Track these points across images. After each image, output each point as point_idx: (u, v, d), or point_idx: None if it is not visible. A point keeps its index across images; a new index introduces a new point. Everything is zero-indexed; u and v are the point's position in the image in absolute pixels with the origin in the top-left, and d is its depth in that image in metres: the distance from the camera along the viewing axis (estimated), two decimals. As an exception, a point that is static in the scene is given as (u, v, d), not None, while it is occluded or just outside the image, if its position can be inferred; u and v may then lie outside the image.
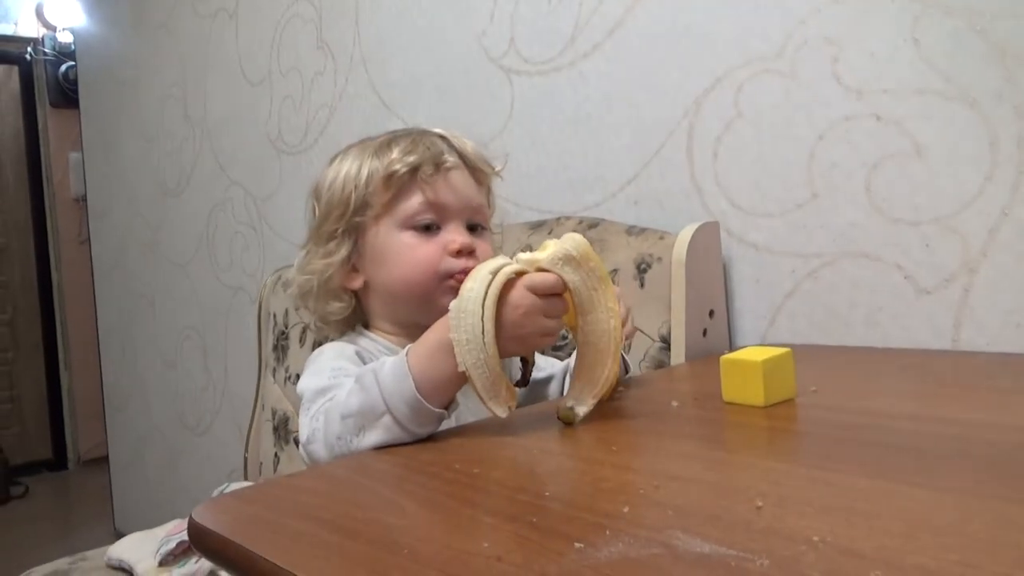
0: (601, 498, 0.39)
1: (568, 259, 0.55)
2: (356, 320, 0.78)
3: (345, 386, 0.59)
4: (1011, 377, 0.63)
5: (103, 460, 2.62)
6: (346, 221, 0.73)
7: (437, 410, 0.55)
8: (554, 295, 0.55)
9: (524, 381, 0.61)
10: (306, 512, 0.40)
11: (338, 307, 0.75)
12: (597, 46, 1.03)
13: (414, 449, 0.52)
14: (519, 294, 0.55)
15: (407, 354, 0.57)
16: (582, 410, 0.56)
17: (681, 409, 0.58)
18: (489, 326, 0.54)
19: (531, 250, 0.58)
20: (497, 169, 0.78)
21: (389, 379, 0.56)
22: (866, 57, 0.79)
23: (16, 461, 3.20)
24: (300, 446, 0.61)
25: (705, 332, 0.85)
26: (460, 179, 0.73)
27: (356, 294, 0.76)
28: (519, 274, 0.56)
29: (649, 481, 0.41)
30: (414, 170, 0.71)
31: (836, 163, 0.82)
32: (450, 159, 0.72)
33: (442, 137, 0.75)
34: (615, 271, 0.88)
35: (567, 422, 0.56)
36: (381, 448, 0.53)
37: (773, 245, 0.87)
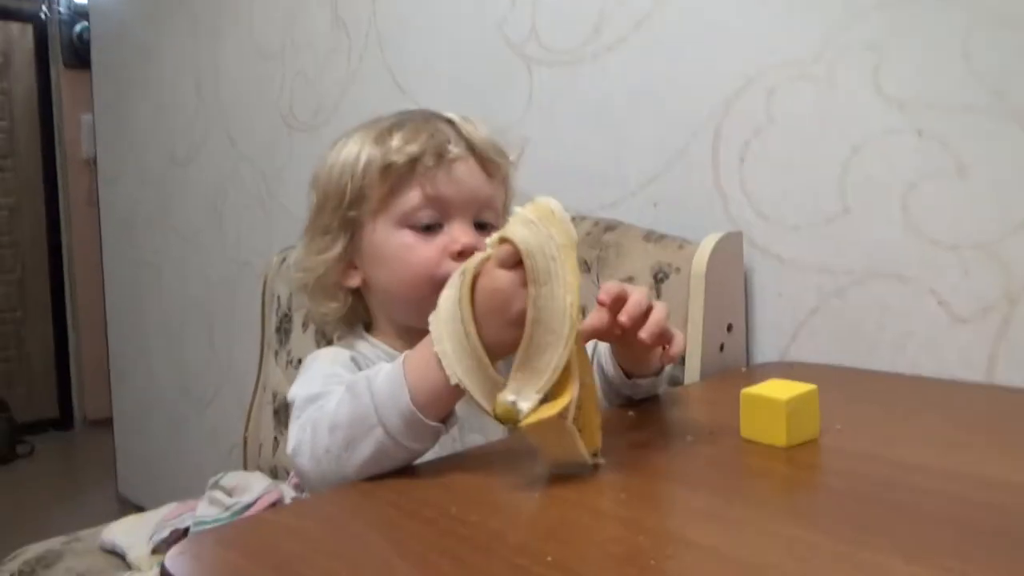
0: (608, 569, 0.35)
1: (525, 221, 0.49)
2: (357, 319, 0.74)
3: (336, 394, 0.56)
4: (1050, 422, 0.59)
5: (109, 421, 2.63)
6: (341, 216, 0.68)
7: (433, 424, 0.51)
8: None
9: None
10: (287, 564, 0.37)
11: (333, 307, 0.71)
12: (622, 39, 0.98)
13: (409, 483, 0.49)
14: (489, 278, 0.50)
15: (403, 361, 0.53)
16: (525, 406, 0.47)
17: (696, 446, 0.54)
18: (471, 328, 0.49)
19: None
20: (512, 159, 0.71)
21: (383, 388, 0.52)
22: (911, 67, 0.74)
23: (23, 419, 3.22)
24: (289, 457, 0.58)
25: (722, 347, 0.81)
26: (465, 171, 0.66)
27: (357, 292, 0.72)
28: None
29: (661, 548, 0.37)
30: (413, 162, 0.65)
31: (871, 177, 0.78)
32: (455, 149, 0.66)
33: (451, 123, 0.68)
34: (630, 278, 0.84)
35: (507, 422, 0.47)
36: (373, 478, 0.50)
37: (799, 259, 0.83)
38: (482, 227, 0.68)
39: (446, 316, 0.51)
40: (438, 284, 0.63)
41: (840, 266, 0.80)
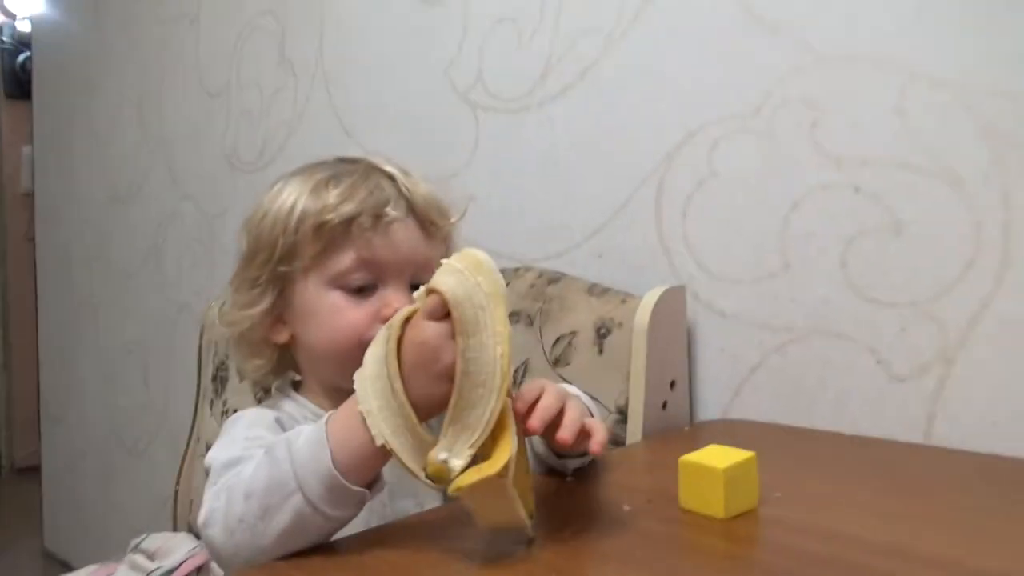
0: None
1: (452, 271, 0.47)
2: (285, 376, 0.71)
3: (256, 459, 0.52)
4: (988, 487, 0.58)
5: (38, 469, 2.49)
6: (270, 270, 0.64)
7: (357, 489, 0.48)
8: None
9: None
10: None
11: (257, 364, 0.67)
12: (568, 88, 0.98)
13: (326, 562, 0.46)
14: (416, 330, 0.48)
15: (326, 422, 0.50)
16: (457, 464, 0.45)
17: (633, 518, 0.52)
18: (398, 384, 0.47)
19: None
20: (453, 220, 0.69)
21: (304, 450, 0.49)
22: (847, 124, 0.75)
23: (-55, 466, 3.04)
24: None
25: (665, 404, 0.80)
26: (403, 233, 0.64)
27: (285, 347, 0.69)
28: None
29: (586, 645, 0.35)
30: (349, 221, 0.62)
31: (811, 233, 0.78)
32: (393, 212, 0.63)
33: (392, 179, 0.66)
34: (573, 333, 0.83)
35: (439, 482, 0.45)
36: (289, 555, 0.47)
37: (741, 314, 0.82)
38: (417, 289, 0.65)
39: (372, 373, 0.49)
40: (366, 347, 0.60)
41: (781, 322, 0.80)
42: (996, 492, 0.56)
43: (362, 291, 0.63)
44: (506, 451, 0.45)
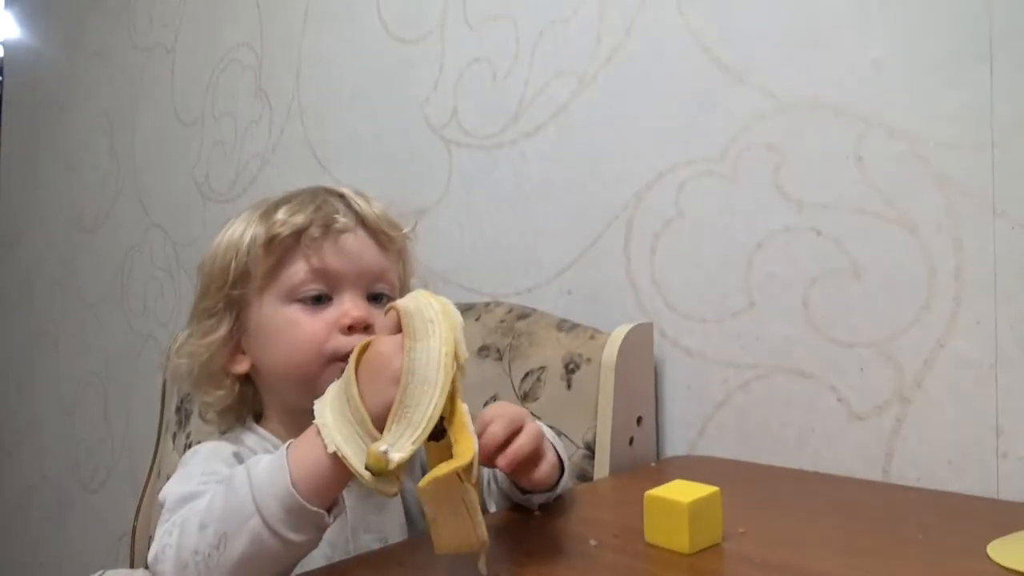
0: None
1: (408, 295, 0.53)
2: (246, 410, 0.70)
3: (212, 492, 0.51)
4: (944, 523, 0.60)
5: (-13, 504, 2.41)
6: (225, 295, 0.64)
7: (315, 509, 0.48)
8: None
9: (438, 433, 0.53)
10: None
11: (218, 396, 0.66)
12: (540, 127, 1.00)
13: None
14: (374, 346, 0.51)
15: (288, 447, 0.50)
16: (396, 456, 0.46)
17: (599, 552, 0.52)
18: (353, 389, 0.48)
19: None
20: (406, 230, 0.70)
21: (263, 474, 0.49)
22: (808, 169, 0.78)
23: None
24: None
25: (632, 440, 0.80)
26: (354, 243, 0.64)
27: (245, 379, 0.67)
28: None
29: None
30: (298, 233, 0.63)
31: (774, 274, 0.80)
32: (343, 219, 0.64)
33: (341, 196, 0.67)
34: (542, 368, 0.83)
35: (377, 472, 0.46)
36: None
37: (707, 352, 0.84)
38: (377, 299, 0.65)
39: (331, 393, 0.51)
40: (326, 359, 0.61)
41: (745, 360, 0.81)
42: (953, 528, 0.58)
43: (319, 304, 0.63)
44: (469, 449, 0.45)
